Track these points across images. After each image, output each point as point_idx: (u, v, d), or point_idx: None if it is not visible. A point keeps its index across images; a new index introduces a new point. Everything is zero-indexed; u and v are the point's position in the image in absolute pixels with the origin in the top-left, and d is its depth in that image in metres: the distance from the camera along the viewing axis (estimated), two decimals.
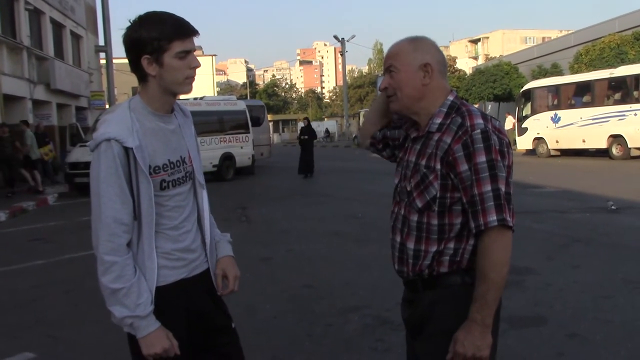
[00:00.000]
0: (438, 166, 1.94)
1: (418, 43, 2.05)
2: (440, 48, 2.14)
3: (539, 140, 23.84)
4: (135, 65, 2.03)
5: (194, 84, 2.10)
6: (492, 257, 1.85)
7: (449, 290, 1.99)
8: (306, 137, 20.08)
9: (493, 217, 1.84)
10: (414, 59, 2.01)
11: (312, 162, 19.81)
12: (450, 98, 2.03)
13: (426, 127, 2.03)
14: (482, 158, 1.86)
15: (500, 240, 1.86)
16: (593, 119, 21.25)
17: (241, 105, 21.23)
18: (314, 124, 64.13)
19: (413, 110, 2.07)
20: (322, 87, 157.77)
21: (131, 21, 2.02)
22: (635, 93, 20.16)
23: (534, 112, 24.29)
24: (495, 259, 1.85)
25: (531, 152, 24.25)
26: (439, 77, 2.03)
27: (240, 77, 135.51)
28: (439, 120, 2.00)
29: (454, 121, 1.96)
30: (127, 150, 1.96)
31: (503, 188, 1.87)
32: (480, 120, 1.92)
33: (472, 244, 1.95)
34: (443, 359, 1.94)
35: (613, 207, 10.15)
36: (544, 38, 68.24)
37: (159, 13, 2.03)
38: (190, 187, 2.20)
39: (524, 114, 24.84)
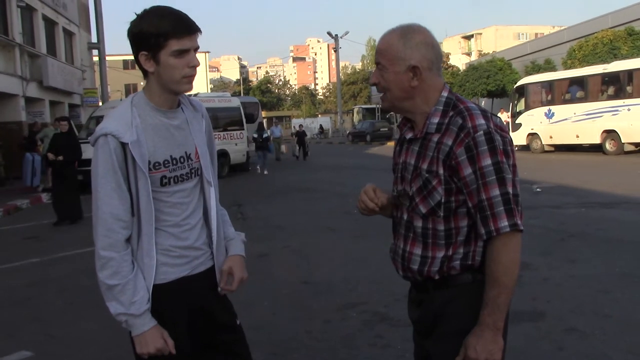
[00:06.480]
0: (441, 171, 1.86)
1: (408, 39, 1.89)
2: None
3: (533, 135, 23.88)
4: (136, 60, 2.00)
5: None
6: (504, 261, 1.82)
7: (461, 289, 1.93)
8: (60, 158, 10.65)
9: (504, 223, 1.81)
10: (402, 59, 1.89)
11: (74, 205, 10.89)
12: (445, 94, 1.93)
13: (424, 127, 1.93)
14: (487, 161, 1.80)
15: (511, 244, 1.82)
16: (587, 115, 21.29)
17: (235, 102, 21.21)
18: (307, 121, 62.75)
19: (404, 109, 1.98)
20: (316, 84, 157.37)
21: (136, 14, 1.98)
22: (629, 88, 20.21)
23: (527, 107, 24.32)
24: (507, 263, 1.82)
25: (525, 148, 24.28)
26: (430, 75, 1.91)
27: (233, 74, 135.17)
28: (436, 120, 1.90)
29: (453, 122, 1.86)
30: (124, 145, 1.93)
31: (511, 190, 1.83)
32: (482, 121, 1.84)
33: (482, 245, 1.90)
34: None
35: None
36: (536, 34, 68.45)
37: (162, 8, 1.97)
38: (197, 184, 2.15)
39: (517, 110, 24.89)
